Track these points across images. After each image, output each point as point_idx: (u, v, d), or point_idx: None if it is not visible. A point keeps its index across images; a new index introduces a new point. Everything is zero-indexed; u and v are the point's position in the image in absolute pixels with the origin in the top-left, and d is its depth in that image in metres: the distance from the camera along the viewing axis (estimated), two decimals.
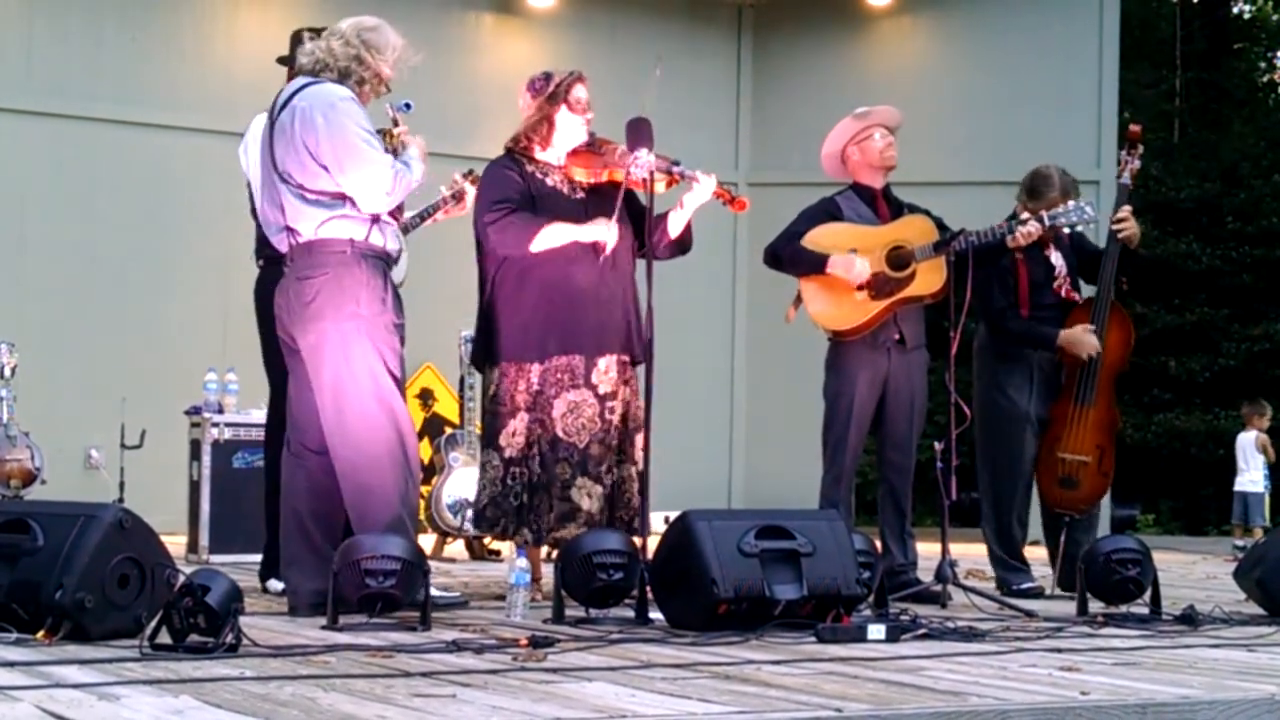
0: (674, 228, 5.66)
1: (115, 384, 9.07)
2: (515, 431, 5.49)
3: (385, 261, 5.02)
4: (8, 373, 8.22)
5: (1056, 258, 6.38)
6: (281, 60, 6.00)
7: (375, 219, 4.97)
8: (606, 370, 5.52)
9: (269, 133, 5.04)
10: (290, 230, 4.98)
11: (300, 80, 5.06)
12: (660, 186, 5.41)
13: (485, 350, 5.64)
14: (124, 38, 10.03)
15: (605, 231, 5.43)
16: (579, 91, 5.59)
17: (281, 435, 5.83)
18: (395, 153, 5.08)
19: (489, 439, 5.58)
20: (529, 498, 5.45)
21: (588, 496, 5.42)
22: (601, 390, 5.50)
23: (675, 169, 5.43)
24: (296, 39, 5.99)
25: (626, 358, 5.59)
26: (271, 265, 5.78)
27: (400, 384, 5.03)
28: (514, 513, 5.47)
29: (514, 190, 5.50)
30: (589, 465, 5.44)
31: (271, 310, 5.74)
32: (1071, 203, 6.16)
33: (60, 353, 9.47)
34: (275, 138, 4.99)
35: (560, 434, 5.44)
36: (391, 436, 4.89)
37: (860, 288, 6.05)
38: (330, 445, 4.94)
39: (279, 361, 5.78)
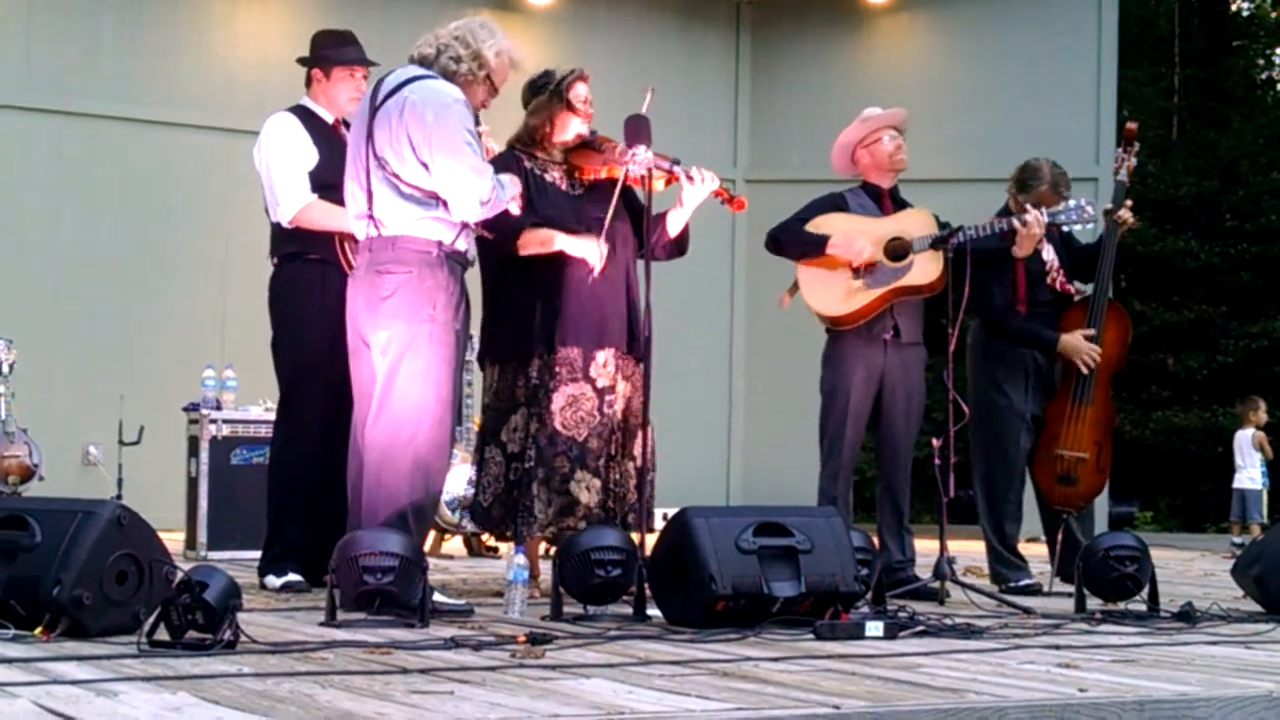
0: (674, 226, 5.67)
1: (113, 381, 9.07)
2: (515, 426, 5.51)
3: (464, 267, 5.02)
4: (6, 369, 8.22)
5: (1048, 251, 6.38)
6: (302, 61, 6.00)
7: (464, 224, 4.96)
8: (605, 364, 5.53)
9: (368, 116, 4.98)
10: (374, 220, 4.94)
11: (410, 70, 5.00)
12: (659, 185, 5.42)
13: (489, 345, 5.65)
14: (123, 35, 10.02)
15: (594, 250, 5.43)
16: (580, 89, 5.60)
17: (286, 430, 5.86)
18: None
19: (491, 435, 5.58)
20: (526, 491, 5.46)
21: (586, 490, 5.44)
22: (600, 384, 5.51)
23: (675, 168, 5.44)
24: (316, 41, 6.00)
25: (625, 352, 5.59)
26: (288, 262, 5.81)
27: (457, 392, 5.03)
28: (515, 506, 5.49)
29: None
30: (587, 459, 5.45)
31: (286, 306, 5.78)
32: (1071, 202, 6.17)
33: (58, 349, 9.48)
34: (377, 123, 4.93)
35: (559, 427, 5.45)
36: (422, 447, 4.87)
37: (856, 274, 6.06)
38: (367, 432, 4.94)
39: (289, 357, 5.80)
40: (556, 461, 5.44)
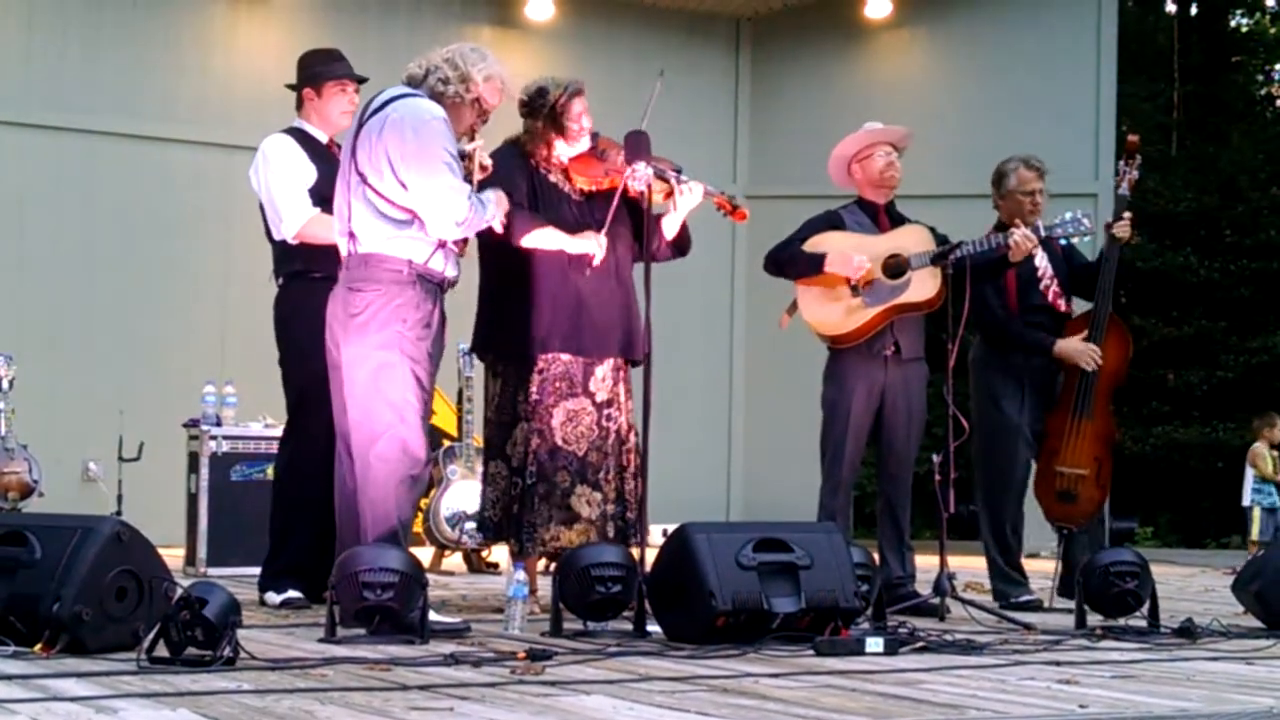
0: (668, 231, 5.70)
1: (113, 396, 9.07)
2: (517, 441, 5.52)
3: (439, 287, 5.01)
4: (6, 385, 8.21)
5: (1041, 259, 6.38)
6: (291, 87, 6.02)
7: (441, 244, 4.94)
8: (604, 378, 5.54)
9: (354, 133, 5.02)
10: (352, 236, 4.95)
11: (398, 89, 5.02)
12: (658, 197, 5.45)
13: (485, 342, 5.64)
14: (123, 51, 10.03)
15: (594, 245, 5.45)
16: (575, 107, 5.55)
17: (292, 448, 5.86)
18: (471, 176, 5.06)
19: (496, 449, 5.59)
20: (529, 506, 5.47)
21: (586, 504, 5.46)
22: (599, 398, 5.53)
23: (675, 177, 5.47)
24: (304, 62, 6.01)
25: (622, 362, 5.61)
26: (293, 281, 5.81)
27: (427, 409, 5.01)
28: (517, 520, 5.50)
29: (516, 186, 5.48)
30: (588, 473, 5.47)
31: (293, 327, 5.78)
32: (1069, 214, 6.18)
33: (58, 365, 9.48)
34: (360, 139, 4.95)
35: (560, 442, 5.46)
36: (400, 466, 4.86)
37: (855, 292, 6.07)
38: (345, 453, 4.95)
39: (295, 377, 5.80)
40: (557, 476, 5.45)
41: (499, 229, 5.26)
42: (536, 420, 5.48)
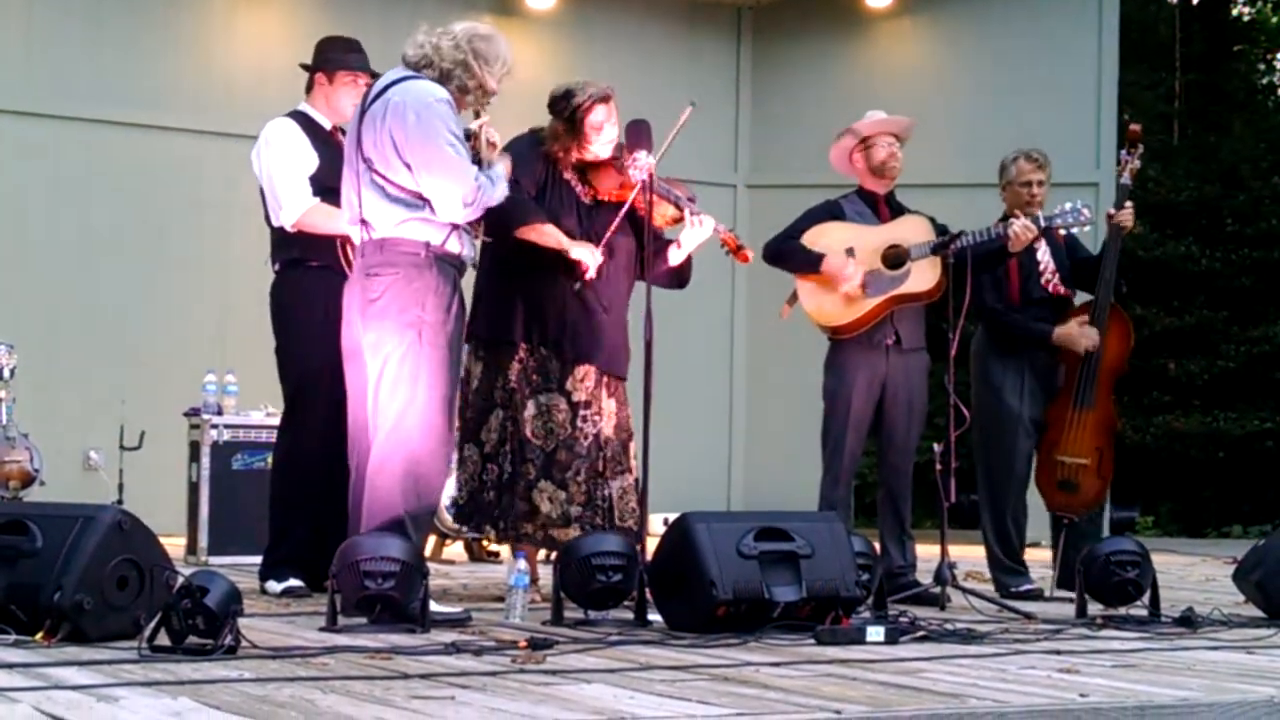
0: (672, 259, 5.71)
1: (114, 385, 9.06)
2: (492, 427, 5.53)
3: (457, 269, 4.98)
4: (7, 374, 8.21)
5: (1043, 252, 6.38)
6: (305, 66, 6.01)
7: (455, 225, 4.93)
8: (584, 379, 5.53)
9: (358, 120, 4.98)
10: (365, 223, 4.92)
11: (399, 72, 4.99)
12: (664, 219, 5.49)
13: (472, 324, 5.62)
14: (123, 40, 10.02)
15: (590, 255, 5.43)
16: (597, 115, 5.49)
17: (291, 437, 5.86)
18: (479, 155, 5.02)
19: (470, 433, 5.60)
20: (498, 494, 5.49)
21: (548, 500, 5.45)
22: (576, 398, 5.51)
23: (685, 204, 5.49)
24: (322, 46, 6.00)
25: (608, 372, 5.58)
26: (289, 268, 5.80)
27: (452, 395, 4.99)
28: (487, 508, 5.51)
29: (529, 177, 5.46)
30: (553, 470, 5.46)
31: (290, 315, 5.77)
32: (1068, 204, 6.18)
33: (59, 354, 9.47)
34: (364, 125, 4.92)
35: (529, 435, 5.47)
36: (415, 452, 4.83)
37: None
38: (368, 438, 4.93)
39: (293, 366, 5.80)
40: (524, 468, 5.47)
41: (505, 190, 5.21)
42: (512, 409, 5.50)
